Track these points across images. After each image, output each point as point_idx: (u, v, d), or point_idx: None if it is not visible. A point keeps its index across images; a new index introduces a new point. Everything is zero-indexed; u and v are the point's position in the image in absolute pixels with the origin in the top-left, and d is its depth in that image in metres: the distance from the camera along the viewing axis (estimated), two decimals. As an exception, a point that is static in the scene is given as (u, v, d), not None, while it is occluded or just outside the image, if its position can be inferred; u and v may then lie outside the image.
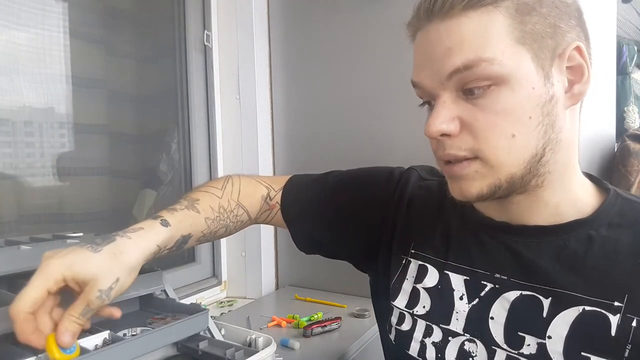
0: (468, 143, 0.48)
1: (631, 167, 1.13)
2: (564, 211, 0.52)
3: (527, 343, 0.48)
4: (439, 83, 0.49)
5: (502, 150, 0.47)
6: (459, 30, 0.47)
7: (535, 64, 0.47)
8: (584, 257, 0.49)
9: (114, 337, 0.59)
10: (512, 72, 0.46)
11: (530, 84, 0.47)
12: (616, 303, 0.45)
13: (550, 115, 0.48)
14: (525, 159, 0.48)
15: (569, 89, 0.49)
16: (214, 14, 1.35)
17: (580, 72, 0.48)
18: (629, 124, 1.37)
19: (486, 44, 0.46)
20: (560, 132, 0.49)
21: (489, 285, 0.53)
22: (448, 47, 0.47)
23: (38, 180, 1.02)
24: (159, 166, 1.30)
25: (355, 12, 1.22)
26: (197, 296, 1.27)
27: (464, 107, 0.48)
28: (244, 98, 1.34)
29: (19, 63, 0.96)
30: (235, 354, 0.65)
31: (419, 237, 0.63)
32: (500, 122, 0.47)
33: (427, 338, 0.57)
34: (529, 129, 0.47)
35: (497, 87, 0.46)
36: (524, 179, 0.49)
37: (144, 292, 0.71)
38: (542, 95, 0.47)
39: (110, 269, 0.50)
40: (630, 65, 1.39)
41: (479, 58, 0.46)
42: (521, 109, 0.47)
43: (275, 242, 1.41)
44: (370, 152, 1.22)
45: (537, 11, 0.47)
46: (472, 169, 0.49)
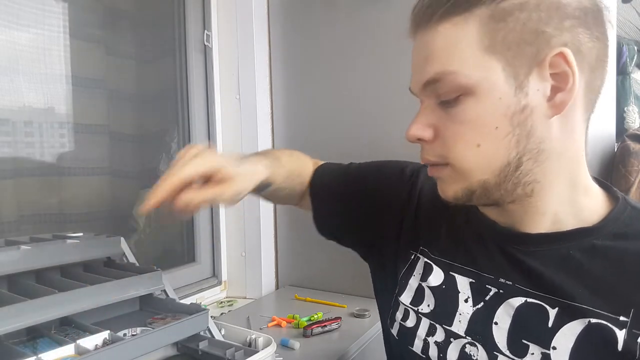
0: (438, 150, 0.51)
1: (631, 167, 1.12)
2: (564, 219, 0.51)
3: (531, 352, 0.48)
4: (418, 90, 0.51)
5: (468, 158, 0.48)
6: (432, 42, 0.48)
7: (506, 73, 0.46)
8: (588, 268, 0.48)
9: (114, 337, 0.59)
10: (478, 83, 0.46)
11: (497, 94, 0.46)
12: (622, 317, 0.44)
13: (523, 126, 0.46)
14: (496, 167, 0.48)
15: (552, 97, 0.46)
16: (214, 14, 1.35)
17: (565, 79, 0.45)
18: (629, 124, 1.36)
19: (453, 56, 0.47)
20: (542, 142, 0.47)
21: (494, 289, 0.53)
22: (425, 57, 0.49)
23: (38, 180, 1.02)
24: (159, 166, 1.30)
25: (355, 12, 1.22)
26: (197, 296, 1.27)
27: (439, 115, 0.50)
28: (244, 98, 1.34)
29: (19, 63, 0.96)
30: (235, 354, 0.65)
31: (427, 235, 0.63)
32: (466, 132, 0.48)
33: (430, 337, 0.57)
34: (496, 139, 0.47)
35: (464, 98, 0.47)
36: (502, 187, 0.49)
37: (144, 292, 0.71)
38: (511, 105, 0.46)
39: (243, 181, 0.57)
40: (630, 65, 1.39)
41: (444, 71, 0.47)
42: (486, 119, 0.47)
43: (275, 242, 1.41)
44: (370, 152, 1.22)
45: (515, 17, 0.45)
46: (445, 174, 0.52)
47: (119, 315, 0.73)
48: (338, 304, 1.17)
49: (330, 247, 1.32)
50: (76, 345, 0.56)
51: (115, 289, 0.66)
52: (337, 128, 1.28)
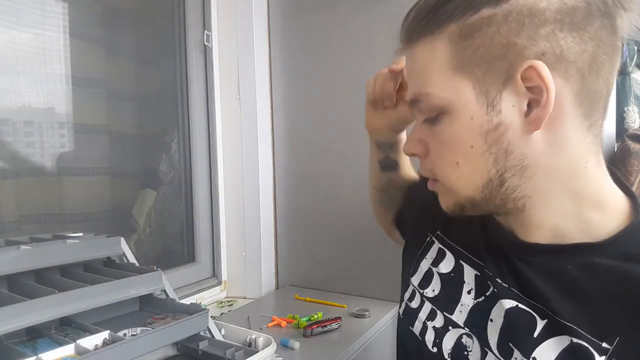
0: (429, 166, 0.52)
1: (631, 167, 1.12)
2: (568, 233, 0.48)
3: (514, 356, 0.47)
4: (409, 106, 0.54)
5: (450, 176, 0.50)
6: (412, 62, 0.50)
7: (476, 91, 0.44)
8: (582, 286, 0.45)
9: (114, 337, 0.59)
10: (450, 103, 0.46)
11: (469, 113, 0.45)
12: (604, 344, 0.42)
13: (499, 144, 0.45)
14: (478, 185, 0.48)
15: (529, 113, 0.44)
16: (214, 14, 1.35)
17: (539, 95, 0.42)
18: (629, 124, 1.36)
19: (426, 77, 0.47)
20: (524, 159, 0.45)
21: (492, 287, 0.53)
22: (408, 76, 0.51)
23: (38, 180, 1.02)
24: (159, 166, 1.30)
25: (356, 12, 1.22)
26: (197, 296, 1.27)
27: (427, 132, 0.51)
28: (244, 98, 1.34)
29: (19, 63, 0.96)
30: (235, 354, 0.65)
31: (446, 221, 0.62)
32: (445, 150, 0.49)
33: (429, 321, 0.57)
34: (473, 157, 0.47)
35: (443, 117, 0.47)
36: (490, 202, 0.49)
37: (144, 292, 0.71)
38: (484, 124, 0.45)
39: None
40: (630, 65, 1.39)
41: (420, 93, 0.48)
42: (461, 138, 0.46)
43: (276, 242, 1.41)
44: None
45: (483, 32, 0.43)
46: (438, 188, 0.53)
47: (119, 315, 0.73)
48: (338, 304, 1.17)
49: (330, 247, 1.33)
50: (76, 345, 0.56)
51: (115, 289, 0.66)
52: (337, 128, 1.28)
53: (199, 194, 1.35)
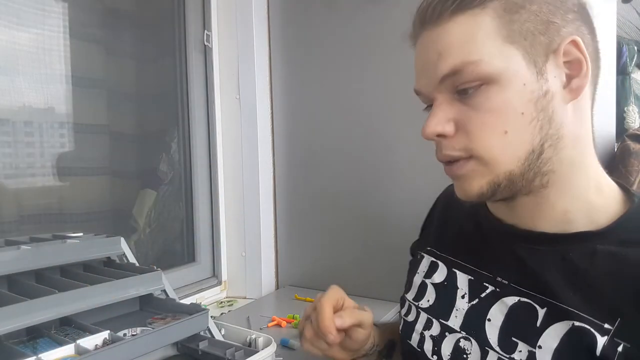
0: (461, 143, 0.50)
1: (631, 167, 1.12)
2: (573, 219, 0.50)
3: (519, 349, 0.48)
4: (434, 87, 0.50)
5: (495, 147, 0.48)
6: (447, 36, 0.48)
7: (527, 60, 0.47)
8: (584, 273, 0.47)
9: (114, 337, 0.59)
10: (501, 70, 0.47)
11: (521, 80, 0.47)
12: (606, 325, 0.44)
13: (546, 111, 0.47)
14: (522, 155, 0.48)
15: (568, 84, 0.48)
16: (214, 14, 1.35)
17: (579, 66, 0.48)
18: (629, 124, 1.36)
19: (472, 47, 0.47)
20: (560, 128, 0.48)
21: (490, 287, 0.54)
22: (439, 53, 0.49)
23: (38, 180, 1.02)
24: (159, 166, 1.30)
25: (356, 12, 1.22)
26: (197, 296, 1.27)
27: (459, 108, 0.49)
28: (244, 98, 1.34)
29: (19, 63, 0.96)
30: (235, 354, 0.65)
31: (436, 236, 0.66)
32: (492, 120, 0.48)
33: (426, 331, 0.58)
34: (522, 125, 0.47)
35: (487, 86, 0.47)
36: (524, 177, 0.49)
37: (144, 292, 0.71)
38: (535, 90, 0.47)
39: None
40: (630, 65, 1.39)
41: (465, 62, 0.47)
42: (512, 105, 0.47)
43: (275, 242, 1.41)
44: (370, 152, 1.22)
45: (527, 9, 0.47)
46: (469, 168, 0.50)
47: (119, 315, 0.73)
48: (338, 304, 1.17)
49: (330, 247, 1.33)
50: (76, 345, 0.56)
51: (115, 289, 0.66)
52: (337, 128, 1.28)
53: (199, 194, 1.35)
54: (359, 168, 1.24)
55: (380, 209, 1.21)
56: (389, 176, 1.19)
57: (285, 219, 1.39)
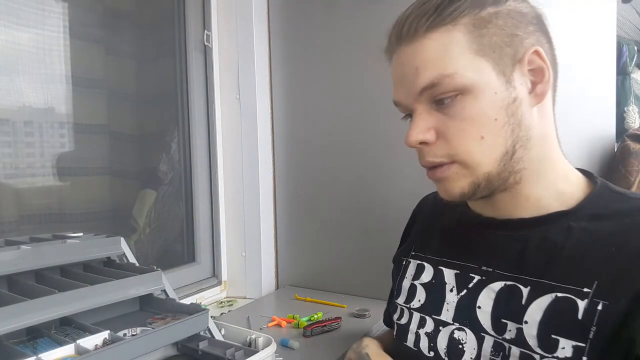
0: (443, 149, 0.54)
1: (631, 167, 1.12)
2: (547, 204, 0.55)
3: (508, 329, 0.52)
4: (413, 99, 0.55)
5: (475, 151, 0.53)
6: (423, 51, 0.53)
7: (497, 71, 0.52)
8: (562, 248, 0.52)
9: (114, 337, 0.59)
10: (474, 81, 0.51)
11: (493, 89, 0.52)
12: (585, 289, 0.48)
13: (516, 115, 0.52)
14: (498, 157, 0.53)
15: (532, 90, 0.53)
16: (214, 14, 1.35)
17: (542, 73, 0.53)
18: (629, 124, 1.37)
19: (447, 61, 0.51)
20: (529, 130, 0.53)
21: (477, 277, 0.57)
22: (416, 67, 0.53)
23: (38, 180, 1.02)
24: (159, 166, 1.30)
25: (356, 12, 1.22)
26: (197, 296, 1.27)
27: (437, 117, 0.54)
28: (244, 98, 1.34)
29: (19, 63, 0.96)
30: (235, 354, 0.65)
31: (419, 241, 0.70)
32: (469, 127, 0.52)
33: (421, 329, 0.61)
34: (496, 130, 0.52)
35: (462, 96, 0.52)
36: (500, 177, 0.54)
37: (144, 292, 0.71)
38: (505, 98, 0.52)
39: None
40: (630, 65, 1.39)
41: (442, 75, 0.51)
42: (486, 113, 0.52)
43: (275, 242, 1.41)
44: (371, 152, 1.22)
45: (494, 23, 0.52)
46: (452, 171, 0.55)
47: (119, 315, 0.73)
48: (338, 304, 1.17)
49: (330, 247, 1.33)
50: (76, 345, 0.56)
51: (115, 289, 0.66)
52: (337, 128, 1.28)
53: (199, 194, 1.35)
54: (359, 168, 1.24)
55: (381, 209, 1.21)
56: (389, 176, 1.19)
57: (285, 219, 1.39)
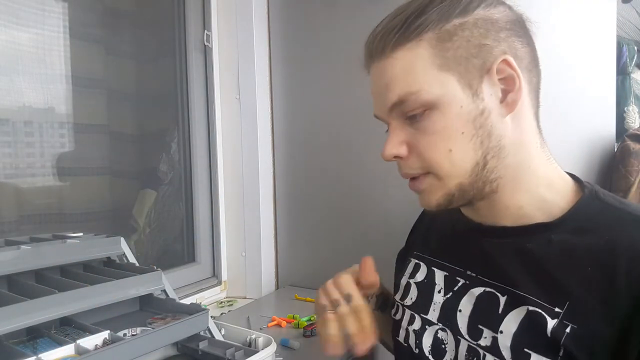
0: (416, 162, 0.55)
1: (631, 167, 1.12)
2: (529, 213, 0.55)
3: (484, 335, 0.53)
4: (387, 114, 0.56)
5: (444, 164, 0.53)
6: (391, 68, 0.53)
7: (462, 84, 0.51)
8: (539, 261, 0.51)
9: (114, 337, 0.59)
10: (439, 97, 0.51)
11: (459, 103, 0.51)
12: (556, 309, 0.48)
13: (484, 127, 0.52)
14: (468, 168, 0.53)
15: (504, 99, 0.52)
16: (214, 14, 1.35)
17: (512, 81, 0.52)
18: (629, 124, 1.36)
19: (412, 78, 0.52)
20: (501, 139, 0.52)
21: (462, 280, 0.58)
22: (386, 84, 0.54)
23: (38, 180, 1.02)
24: (159, 166, 1.30)
25: (356, 12, 1.22)
26: (197, 296, 1.27)
27: (409, 132, 0.54)
28: (244, 98, 1.34)
29: (19, 63, 0.96)
30: (235, 354, 0.65)
31: (420, 242, 0.71)
32: (437, 141, 0.53)
33: (410, 326, 0.63)
34: (464, 143, 0.52)
35: (430, 111, 0.52)
36: (474, 187, 0.54)
37: (144, 292, 0.71)
38: (472, 110, 0.51)
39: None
40: (630, 65, 1.39)
41: (407, 92, 0.52)
42: (452, 126, 0.52)
43: (275, 242, 1.41)
44: (371, 152, 1.22)
45: (459, 35, 0.51)
46: (427, 183, 0.55)
47: (119, 315, 0.73)
48: (338, 304, 1.17)
49: (330, 247, 1.33)
50: (76, 345, 0.56)
51: (115, 289, 0.66)
52: (337, 128, 1.28)
53: (199, 194, 1.35)
54: (359, 168, 1.24)
55: (381, 209, 1.21)
56: (389, 176, 1.19)
57: (285, 219, 1.39)
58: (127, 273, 0.70)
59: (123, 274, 0.69)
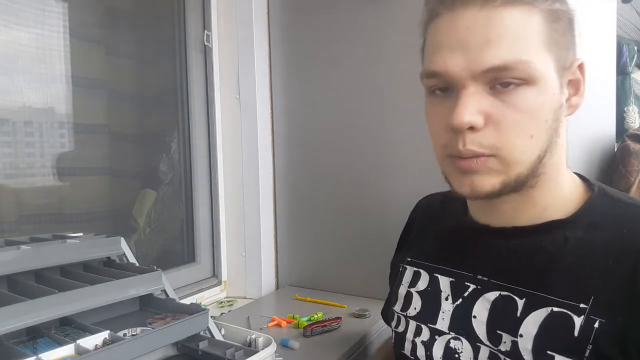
0: (490, 139, 0.48)
1: (631, 167, 1.12)
2: (551, 215, 0.54)
3: (503, 340, 0.51)
4: (470, 74, 0.47)
5: (519, 149, 0.48)
6: (500, 24, 0.46)
7: (556, 71, 0.49)
8: (556, 259, 0.50)
9: (114, 337, 0.59)
10: (542, 75, 0.47)
11: (552, 89, 0.49)
12: (582, 305, 0.47)
13: (558, 121, 0.50)
14: (533, 159, 0.50)
15: (569, 99, 0.52)
16: (214, 14, 1.35)
17: (578, 85, 0.52)
18: (629, 124, 1.37)
19: (524, 45, 0.46)
20: (559, 137, 0.52)
21: (472, 286, 0.56)
22: (487, 40, 0.46)
23: (38, 180, 1.02)
24: (159, 166, 1.30)
25: (356, 12, 1.22)
26: (197, 296, 1.27)
27: (491, 102, 0.47)
28: (244, 98, 1.34)
29: (19, 63, 0.96)
30: (235, 354, 0.65)
31: (415, 247, 0.68)
32: (524, 121, 0.48)
33: (417, 337, 0.60)
34: (544, 131, 0.49)
35: (528, 87, 0.47)
36: (526, 180, 0.51)
37: (144, 292, 0.71)
38: (558, 100, 0.50)
39: None
40: (630, 65, 1.39)
41: (518, 60, 0.46)
42: (542, 111, 0.48)
43: (275, 242, 1.41)
44: (371, 152, 1.22)
45: (563, 21, 0.49)
46: (488, 166, 0.49)
47: (119, 315, 0.73)
48: (338, 304, 1.17)
49: (330, 247, 1.33)
50: (76, 345, 0.56)
51: (115, 289, 0.66)
52: (337, 128, 1.28)
53: (199, 194, 1.35)
54: (359, 168, 1.24)
55: (381, 209, 1.21)
56: (389, 176, 1.19)
57: (285, 219, 1.39)
58: (127, 273, 0.70)
59: (123, 274, 0.69)
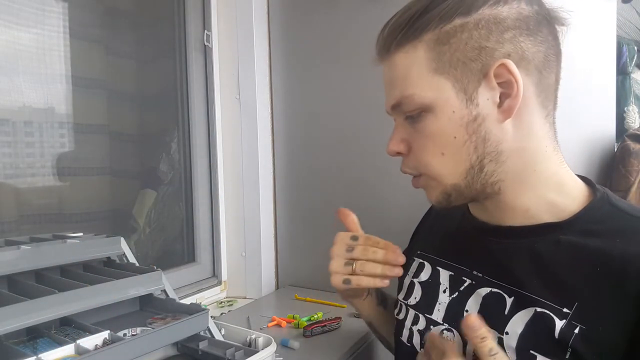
0: (412, 162, 0.56)
1: (631, 167, 1.12)
2: (536, 214, 0.54)
3: None
4: (391, 111, 0.58)
5: (436, 166, 0.54)
6: (393, 69, 0.55)
7: (456, 89, 0.51)
8: (547, 262, 0.51)
9: (114, 337, 0.59)
10: (432, 101, 0.52)
11: (451, 108, 0.51)
12: (565, 309, 0.48)
13: (478, 133, 0.51)
14: (462, 171, 0.53)
15: (501, 104, 0.51)
16: (214, 14, 1.35)
17: (511, 86, 0.50)
18: (629, 124, 1.37)
19: (408, 81, 0.53)
20: (499, 145, 0.52)
21: (468, 281, 0.58)
22: (389, 84, 0.56)
23: (38, 180, 1.02)
24: (159, 166, 1.30)
25: (356, 11, 1.22)
26: (197, 296, 1.27)
27: (408, 131, 0.56)
28: (244, 98, 1.34)
29: (19, 63, 0.96)
30: (235, 354, 0.65)
31: (425, 241, 0.71)
32: (430, 143, 0.54)
33: (414, 326, 0.62)
34: (456, 147, 0.52)
35: (425, 114, 0.53)
36: (472, 188, 0.54)
37: (144, 292, 0.71)
38: (465, 116, 0.51)
39: None
40: (630, 65, 1.39)
41: (403, 96, 0.53)
42: (445, 131, 0.52)
43: (275, 242, 1.41)
44: (371, 152, 1.22)
45: (457, 38, 0.50)
46: (423, 183, 0.57)
47: (119, 315, 0.73)
48: (338, 304, 1.17)
49: (330, 247, 1.32)
50: (76, 345, 0.56)
51: (115, 289, 0.66)
52: (337, 128, 1.28)
53: (199, 194, 1.35)
54: (359, 168, 1.24)
55: (381, 209, 1.21)
56: (389, 176, 1.19)
57: (285, 219, 1.39)
58: (127, 273, 0.70)
59: (123, 274, 0.69)
